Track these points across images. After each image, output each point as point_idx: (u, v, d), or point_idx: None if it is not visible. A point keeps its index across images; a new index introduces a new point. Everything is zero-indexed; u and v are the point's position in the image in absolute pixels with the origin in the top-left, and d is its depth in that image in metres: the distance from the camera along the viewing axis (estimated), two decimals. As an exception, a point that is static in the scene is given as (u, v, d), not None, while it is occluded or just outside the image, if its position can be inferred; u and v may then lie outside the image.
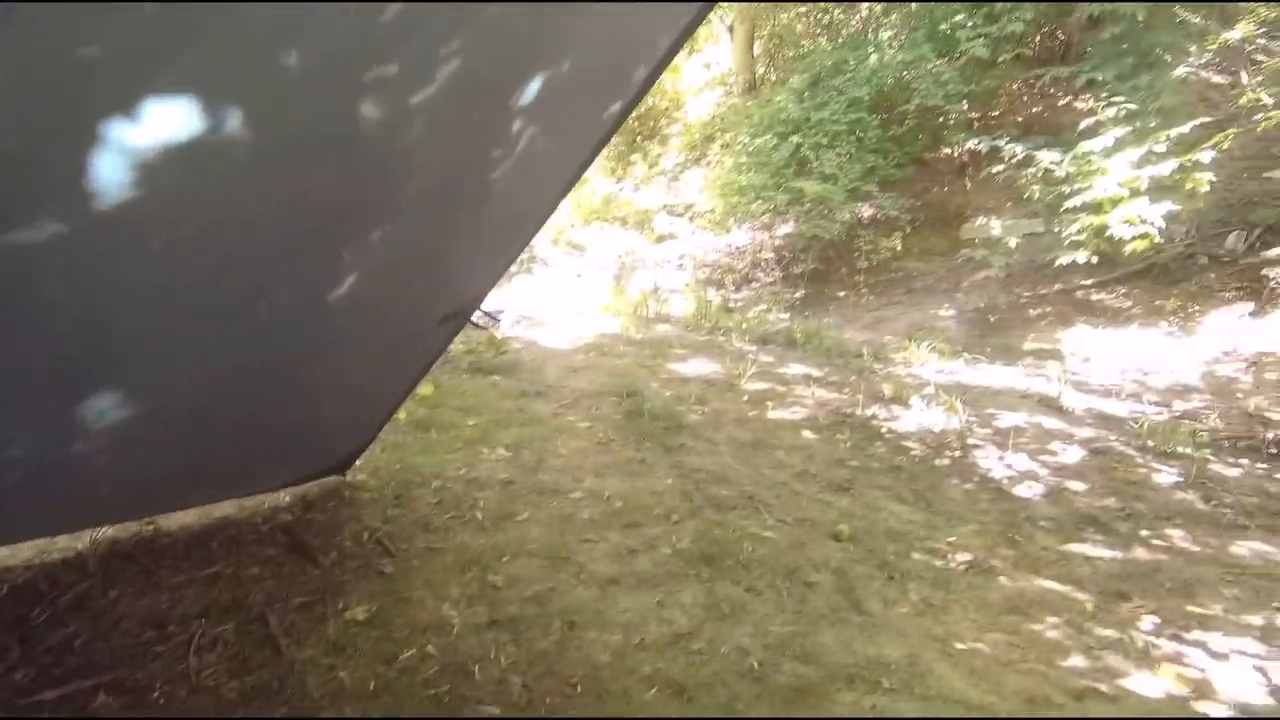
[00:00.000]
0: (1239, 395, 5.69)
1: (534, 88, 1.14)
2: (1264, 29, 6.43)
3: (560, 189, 1.62)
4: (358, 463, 3.22)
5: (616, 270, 9.83)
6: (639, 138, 11.78)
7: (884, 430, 4.38)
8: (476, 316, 2.05)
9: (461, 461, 3.53)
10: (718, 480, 3.52)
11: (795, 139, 7.25)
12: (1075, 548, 3.12)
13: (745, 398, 4.84)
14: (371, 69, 0.93)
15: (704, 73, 10.60)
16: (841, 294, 8.80)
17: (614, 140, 11.54)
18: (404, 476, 3.32)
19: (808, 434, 4.29)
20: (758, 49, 9.91)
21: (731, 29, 8.88)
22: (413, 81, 0.96)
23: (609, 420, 4.21)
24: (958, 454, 4.10)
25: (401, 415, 3.65)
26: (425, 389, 3.82)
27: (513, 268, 9.44)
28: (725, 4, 8.45)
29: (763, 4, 8.96)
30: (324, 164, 1.05)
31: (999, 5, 6.70)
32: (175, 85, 0.86)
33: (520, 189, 1.49)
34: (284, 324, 1.43)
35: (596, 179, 11.18)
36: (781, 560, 2.82)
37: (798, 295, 8.71)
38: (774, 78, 9.40)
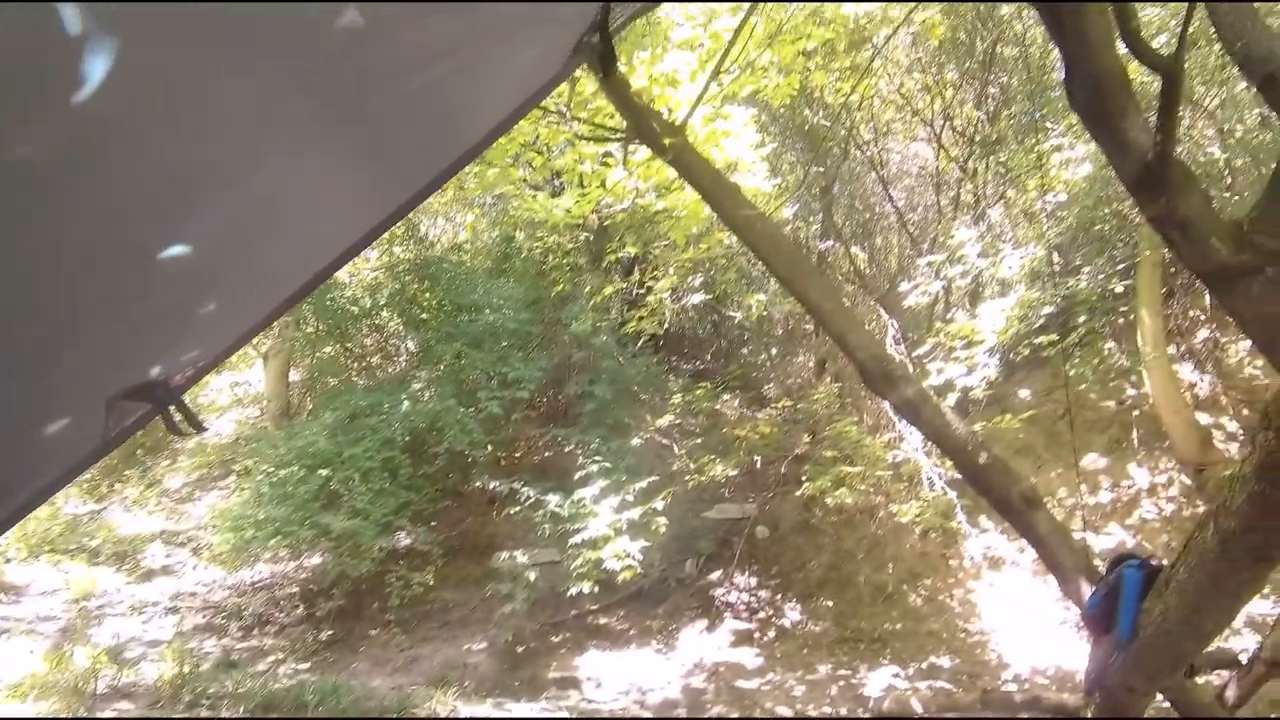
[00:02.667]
0: (706, 705, 6.78)
1: None
2: (682, 417, 9.18)
3: None
4: None
5: (68, 621, 7.43)
6: (139, 449, 10.04)
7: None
8: None
9: None
10: None
11: (325, 473, 7.11)
12: None
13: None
14: None
15: (231, 391, 10.00)
16: (373, 632, 8.16)
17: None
18: None
19: None
20: (296, 376, 9.94)
21: (266, 356, 8.84)
22: None
23: None
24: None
25: None
26: None
27: None
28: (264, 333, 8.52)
29: (303, 339, 9.29)
30: None
31: (511, 375, 8.21)
32: None
33: None
34: None
35: (60, 496, 8.87)
36: None
37: (322, 638, 7.76)
38: (310, 407, 9.40)
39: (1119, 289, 6.13)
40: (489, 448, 8.60)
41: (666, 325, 10.25)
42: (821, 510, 8.18)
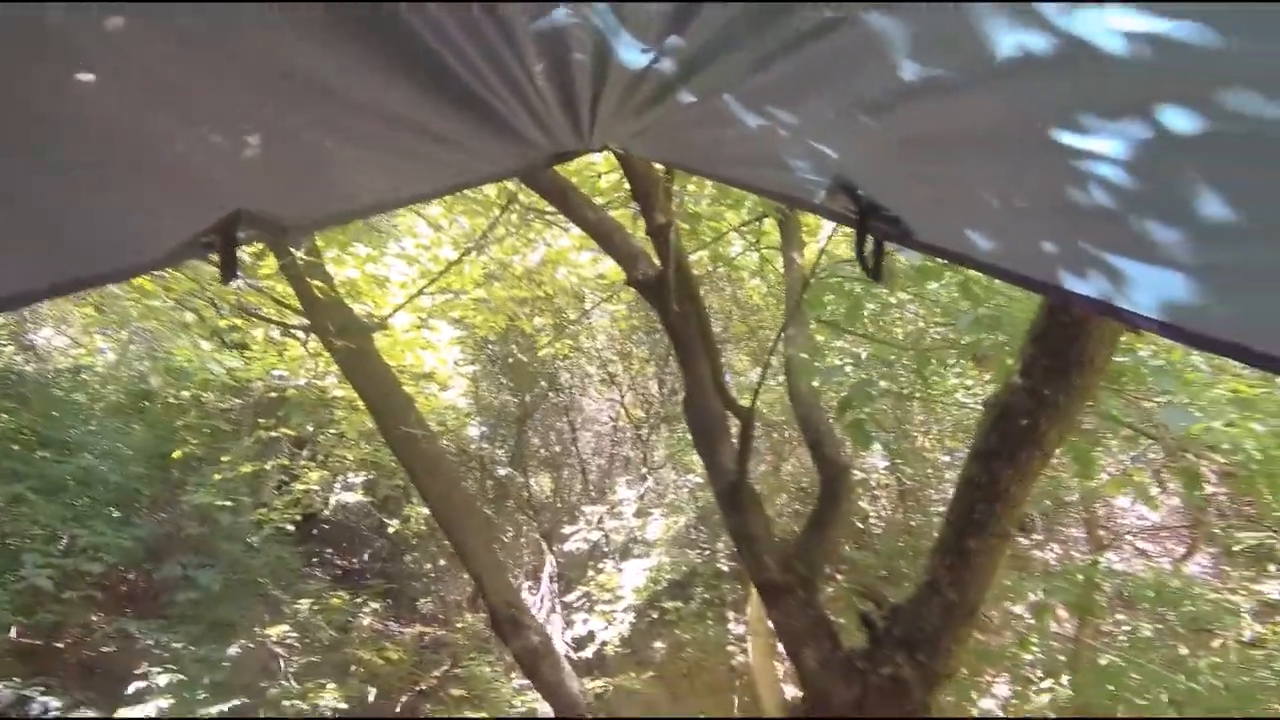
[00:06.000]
0: None
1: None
2: (307, 627, 7.91)
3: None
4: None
5: None
6: None
7: None
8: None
9: None
10: None
11: None
12: None
13: None
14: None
15: None
16: None
17: None
18: None
19: None
20: None
21: None
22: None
23: None
24: None
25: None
26: None
27: None
28: None
29: None
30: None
31: (86, 540, 6.45)
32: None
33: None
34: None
35: None
36: None
37: None
38: None
39: (725, 568, 7.08)
40: (12, 632, 6.39)
41: (325, 514, 9.21)
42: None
